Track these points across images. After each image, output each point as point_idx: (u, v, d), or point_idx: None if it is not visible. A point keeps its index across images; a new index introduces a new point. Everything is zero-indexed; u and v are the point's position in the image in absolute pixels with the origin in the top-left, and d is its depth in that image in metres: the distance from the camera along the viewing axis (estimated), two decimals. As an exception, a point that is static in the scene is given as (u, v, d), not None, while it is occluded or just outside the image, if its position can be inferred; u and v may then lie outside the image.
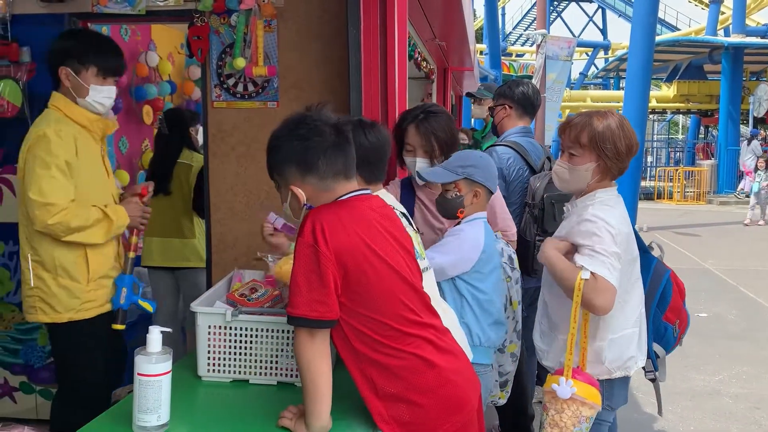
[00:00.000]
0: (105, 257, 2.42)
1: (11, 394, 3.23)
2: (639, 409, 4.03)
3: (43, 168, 2.25)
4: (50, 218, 2.22)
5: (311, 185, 1.58)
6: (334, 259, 1.47)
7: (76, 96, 2.36)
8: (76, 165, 2.32)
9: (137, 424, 1.46)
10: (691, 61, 21.67)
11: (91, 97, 2.36)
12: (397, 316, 1.54)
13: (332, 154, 1.56)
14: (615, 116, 2.17)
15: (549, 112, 11.53)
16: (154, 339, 1.47)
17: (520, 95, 3.34)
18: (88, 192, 2.37)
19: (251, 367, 1.80)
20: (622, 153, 2.13)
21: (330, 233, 1.47)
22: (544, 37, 11.70)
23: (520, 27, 35.92)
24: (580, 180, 2.14)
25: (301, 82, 2.88)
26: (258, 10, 2.80)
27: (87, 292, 2.36)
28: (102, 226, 2.34)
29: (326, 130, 1.57)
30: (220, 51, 2.89)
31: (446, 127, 2.49)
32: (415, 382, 1.53)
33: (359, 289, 1.50)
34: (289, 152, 1.57)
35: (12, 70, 2.98)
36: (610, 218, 2.04)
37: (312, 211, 1.53)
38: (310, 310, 1.45)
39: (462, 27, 5.41)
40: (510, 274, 2.45)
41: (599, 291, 1.94)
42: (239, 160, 2.93)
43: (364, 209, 1.59)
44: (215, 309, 1.83)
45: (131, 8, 2.89)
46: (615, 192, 2.18)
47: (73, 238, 2.29)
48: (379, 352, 1.52)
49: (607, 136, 2.10)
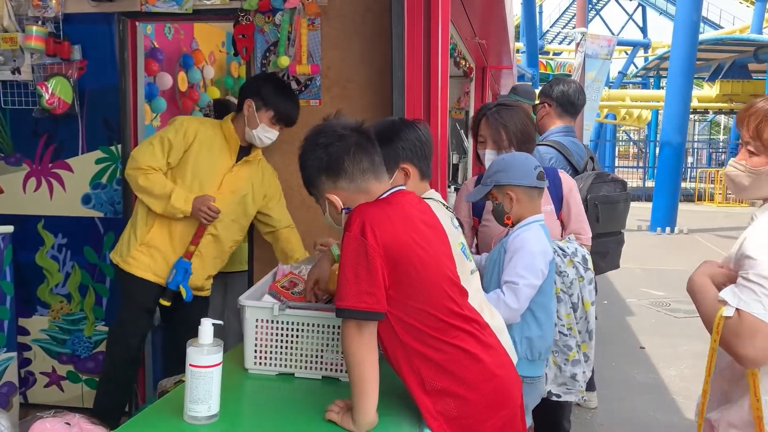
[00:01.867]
0: (167, 232, 2.74)
1: (59, 382, 3.32)
2: (681, 414, 3.96)
3: (153, 137, 2.73)
4: (128, 168, 2.69)
5: (344, 189, 1.62)
6: (382, 251, 1.48)
7: (247, 126, 2.71)
8: (187, 156, 2.70)
9: (188, 414, 1.49)
10: (735, 60, 21.13)
11: (258, 132, 2.70)
12: (444, 308, 1.55)
13: (356, 155, 1.61)
14: None
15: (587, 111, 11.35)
16: (206, 331, 1.50)
17: (559, 94, 3.29)
18: (182, 181, 2.71)
19: (297, 361, 1.82)
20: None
21: (377, 226, 1.49)
22: (584, 35, 11.54)
23: (558, 25, 35.51)
24: (762, 186, 1.64)
25: (343, 80, 2.90)
26: (302, 9, 2.83)
27: (136, 249, 2.74)
28: (162, 199, 2.66)
29: (345, 133, 1.62)
30: (264, 49, 2.93)
31: (518, 120, 2.52)
32: (462, 375, 1.54)
33: (407, 280, 1.51)
34: (315, 162, 1.63)
35: (64, 67, 3.07)
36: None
37: (357, 208, 1.55)
38: (357, 301, 1.46)
39: (503, 25, 5.36)
40: (583, 274, 2.41)
41: (743, 335, 1.47)
42: (282, 158, 2.96)
43: (405, 204, 1.62)
44: (263, 303, 1.85)
45: (178, 7, 2.95)
46: None
47: (141, 196, 2.70)
48: (427, 345, 1.53)
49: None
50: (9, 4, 3.01)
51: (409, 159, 1.96)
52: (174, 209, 2.65)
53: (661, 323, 6.12)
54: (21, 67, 3.08)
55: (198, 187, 2.72)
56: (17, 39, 3.00)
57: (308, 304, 1.89)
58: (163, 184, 2.66)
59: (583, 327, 2.45)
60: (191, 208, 2.65)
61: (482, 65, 7.12)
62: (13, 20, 3.03)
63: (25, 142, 3.21)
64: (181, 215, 2.67)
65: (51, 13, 2.98)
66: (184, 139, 2.70)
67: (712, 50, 19.83)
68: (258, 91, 2.69)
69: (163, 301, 2.77)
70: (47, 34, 3.01)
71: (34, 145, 3.20)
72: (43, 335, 3.29)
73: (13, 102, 3.17)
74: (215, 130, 2.78)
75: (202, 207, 2.66)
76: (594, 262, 3.05)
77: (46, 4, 2.97)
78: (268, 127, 2.70)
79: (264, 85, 2.71)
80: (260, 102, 2.68)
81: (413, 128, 1.99)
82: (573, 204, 2.62)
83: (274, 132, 2.73)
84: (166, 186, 2.66)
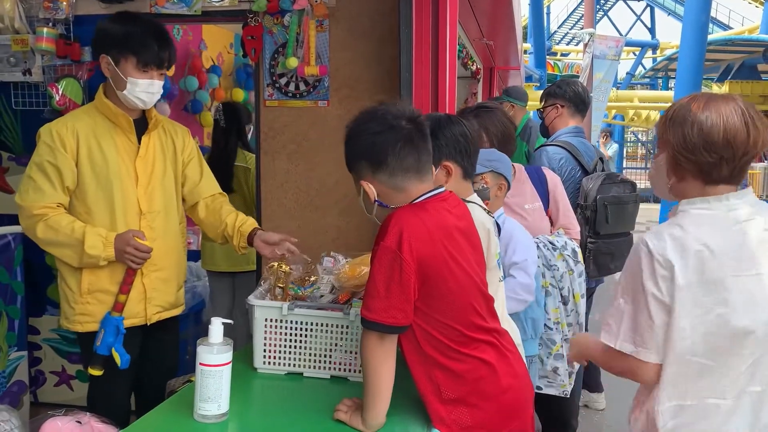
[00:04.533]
0: (105, 268, 2.14)
1: (68, 381, 3.34)
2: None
3: (28, 168, 2.12)
4: (21, 221, 2.10)
5: (381, 182, 1.55)
6: (417, 266, 1.44)
7: (116, 89, 2.15)
8: (80, 167, 2.12)
9: (198, 413, 1.50)
10: (745, 61, 21.03)
11: (132, 91, 2.13)
12: (468, 322, 1.53)
13: (402, 150, 1.52)
14: (717, 100, 1.55)
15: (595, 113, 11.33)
16: (215, 330, 1.51)
17: (572, 93, 3.31)
18: (94, 198, 2.13)
19: (305, 361, 1.83)
20: (694, 144, 1.51)
21: (415, 241, 1.44)
22: (592, 36, 11.52)
23: (566, 26, 35.41)
24: (659, 180, 1.64)
25: (351, 81, 2.90)
26: (310, 10, 2.83)
27: (79, 303, 2.17)
28: (73, 248, 2.05)
29: (397, 124, 1.53)
30: (273, 51, 2.94)
31: (497, 122, 2.54)
32: (479, 387, 1.53)
33: (437, 294, 1.49)
34: (360, 147, 1.56)
35: (74, 69, 3.09)
36: (667, 248, 1.49)
37: (396, 215, 1.49)
38: (387, 316, 1.44)
39: (510, 26, 5.37)
40: (573, 267, 2.47)
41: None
42: (290, 158, 2.97)
43: (444, 213, 1.55)
44: (272, 302, 1.86)
45: (188, 8, 2.96)
46: (716, 203, 1.53)
47: (49, 251, 2.12)
48: (447, 357, 1.52)
49: (680, 117, 1.54)
50: (20, 6, 3.04)
51: (451, 156, 1.87)
52: (92, 258, 2.06)
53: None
54: (32, 69, 3.10)
55: (112, 201, 2.15)
56: (28, 41, 3.03)
57: (317, 304, 1.90)
58: (69, 227, 2.05)
59: (574, 319, 2.51)
60: (114, 252, 2.07)
61: (490, 66, 7.13)
62: (24, 22, 3.05)
63: (35, 143, 3.23)
64: (104, 263, 2.09)
65: (61, 15, 2.99)
66: (66, 151, 2.11)
67: (721, 51, 19.75)
68: (106, 41, 2.13)
69: (93, 370, 2.13)
70: (58, 36, 3.03)
71: (45, 145, 3.22)
72: (53, 335, 3.31)
73: (24, 103, 3.20)
74: (92, 116, 2.19)
75: (127, 248, 2.05)
76: (603, 262, 3.04)
77: (56, 6, 2.99)
78: (140, 78, 2.12)
79: (109, 30, 2.14)
80: (114, 51, 2.11)
81: (458, 123, 1.92)
82: (560, 200, 2.68)
83: (152, 82, 2.15)
84: (74, 229, 2.05)
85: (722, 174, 1.53)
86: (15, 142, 3.25)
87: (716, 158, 1.50)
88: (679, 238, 1.50)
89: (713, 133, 1.50)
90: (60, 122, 2.18)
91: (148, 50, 2.12)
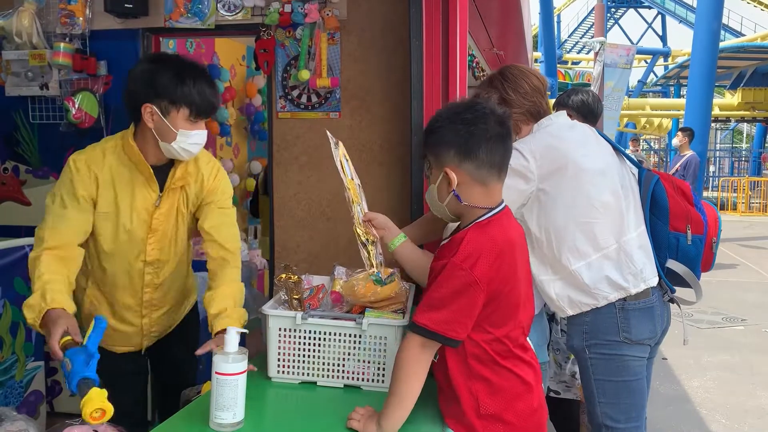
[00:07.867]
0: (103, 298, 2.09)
1: (84, 391, 3.36)
2: (704, 426, 3.91)
3: (52, 197, 1.96)
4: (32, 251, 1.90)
5: (466, 172, 1.53)
6: (486, 287, 1.46)
7: (161, 140, 1.93)
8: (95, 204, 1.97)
9: (214, 421, 1.52)
10: (757, 68, 20.91)
11: (180, 143, 1.92)
12: (514, 337, 1.56)
13: (494, 145, 1.52)
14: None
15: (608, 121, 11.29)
16: (231, 339, 1.53)
17: (579, 103, 3.30)
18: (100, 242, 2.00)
19: (319, 370, 1.84)
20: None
21: (488, 262, 1.45)
22: (603, 45, 11.49)
23: (576, 34, 35.41)
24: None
25: (362, 92, 2.93)
26: (322, 23, 2.87)
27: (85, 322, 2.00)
28: (32, 298, 1.78)
29: (491, 119, 1.53)
30: (285, 63, 2.98)
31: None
32: (515, 404, 1.53)
33: (496, 311, 1.50)
34: (451, 135, 1.54)
35: (90, 82, 3.14)
36: None
37: (471, 233, 1.50)
38: (447, 329, 1.45)
39: (520, 35, 5.39)
40: None
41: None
42: (302, 169, 3.00)
43: (510, 230, 1.56)
44: (285, 312, 1.88)
45: (201, 23, 3.01)
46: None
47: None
48: (491, 370, 1.53)
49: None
50: (38, 21, 3.10)
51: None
52: (29, 320, 1.78)
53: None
54: (49, 83, 3.16)
55: (121, 248, 2.01)
56: (45, 55, 3.08)
57: (331, 313, 1.92)
58: (38, 276, 1.81)
59: None
60: (38, 325, 1.76)
61: (500, 76, 7.13)
62: (42, 37, 3.11)
63: (52, 156, 3.28)
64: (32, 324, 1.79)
65: (78, 30, 3.05)
66: (90, 184, 1.96)
67: (733, 58, 19.65)
68: (154, 88, 1.88)
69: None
70: (74, 51, 3.09)
71: (61, 158, 3.27)
72: (69, 345, 3.34)
73: (41, 117, 3.25)
74: (117, 156, 1.99)
75: (47, 340, 1.70)
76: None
77: (73, 21, 3.05)
78: (192, 129, 1.92)
79: (157, 76, 1.88)
80: (165, 102, 1.89)
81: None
82: None
83: (199, 132, 1.95)
84: (39, 278, 1.81)
85: None
86: (32, 155, 3.31)
87: None
88: None
89: None
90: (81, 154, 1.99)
91: (204, 101, 1.92)
